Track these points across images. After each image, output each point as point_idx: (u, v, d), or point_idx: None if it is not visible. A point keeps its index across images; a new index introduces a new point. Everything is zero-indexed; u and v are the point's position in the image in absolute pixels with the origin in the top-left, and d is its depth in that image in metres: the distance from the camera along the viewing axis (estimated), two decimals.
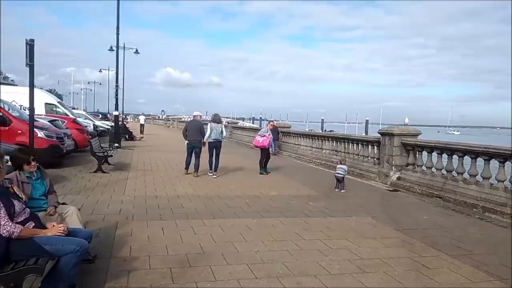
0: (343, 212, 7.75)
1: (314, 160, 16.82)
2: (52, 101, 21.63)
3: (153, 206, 7.51)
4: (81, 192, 8.51)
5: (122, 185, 9.62)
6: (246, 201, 8.31)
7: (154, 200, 8.08)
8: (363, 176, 12.74)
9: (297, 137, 20.11)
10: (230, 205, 7.87)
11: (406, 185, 10.74)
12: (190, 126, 12.16)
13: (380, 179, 11.89)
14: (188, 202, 7.99)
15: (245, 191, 9.55)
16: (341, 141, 15.37)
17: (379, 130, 12.24)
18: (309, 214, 7.43)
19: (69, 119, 17.40)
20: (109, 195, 8.39)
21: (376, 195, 9.92)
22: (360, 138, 14.01)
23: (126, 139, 26.66)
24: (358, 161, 13.73)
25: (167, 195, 8.69)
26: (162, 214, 6.91)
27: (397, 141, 11.46)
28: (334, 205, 8.30)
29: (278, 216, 7.15)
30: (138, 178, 10.86)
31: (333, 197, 9.30)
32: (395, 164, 11.51)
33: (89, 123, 22.88)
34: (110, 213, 6.83)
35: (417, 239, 6.12)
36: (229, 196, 8.78)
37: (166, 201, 8.04)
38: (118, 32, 20.13)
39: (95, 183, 9.70)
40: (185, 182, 10.52)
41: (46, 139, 11.43)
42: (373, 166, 12.74)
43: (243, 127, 34.87)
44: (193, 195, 8.78)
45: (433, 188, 9.87)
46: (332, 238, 5.94)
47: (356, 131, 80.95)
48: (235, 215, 7.06)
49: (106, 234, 5.64)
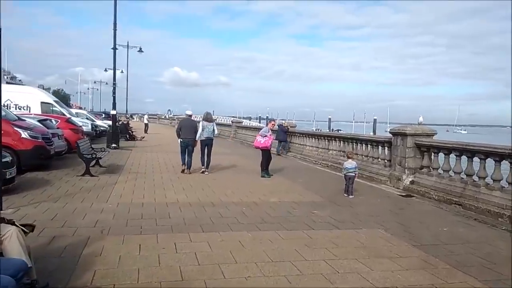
0: (351, 223, 6.82)
1: (320, 161, 15.88)
2: (48, 100, 20.92)
3: (135, 216, 6.63)
4: (59, 199, 7.65)
5: (108, 190, 8.76)
6: (243, 210, 7.40)
7: (139, 208, 7.21)
8: (373, 179, 11.78)
9: (302, 137, 19.18)
10: (223, 215, 6.97)
11: (421, 190, 9.77)
12: (184, 125, 12.20)
13: (392, 183, 10.93)
14: (177, 211, 7.10)
15: (243, 197, 8.65)
16: (349, 141, 14.41)
17: (391, 130, 11.27)
18: (313, 225, 6.51)
19: (63, 119, 16.61)
20: (90, 202, 7.53)
21: (387, 201, 8.97)
22: (369, 138, 13.06)
23: (127, 139, 25.90)
24: (367, 163, 12.77)
25: (155, 202, 7.82)
26: (144, 227, 6.03)
27: (410, 141, 10.49)
28: (341, 214, 7.38)
29: (277, 228, 6.24)
30: (128, 182, 10.00)
31: (340, 203, 8.37)
32: (408, 167, 10.54)
33: (87, 122, 22.09)
34: (84, 225, 5.97)
35: (440, 258, 5.19)
36: (224, 203, 7.89)
37: (152, 209, 7.16)
38: (115, 27, 19.36)
39: (79, 188, 8.86)
40: (179, 186, 9.64)
41: (30, 139, 10.61)
42: (384, 168, 11.78)
43: (247, 126, 33.97)
44: (184, 202, 7.90)
45: (451, 194, 8.91)
46: (339, 257, 5.01)
47: (364, 130, 79.76)
48: (228, 228, 6.16)
49: (71, 253, 4.77)
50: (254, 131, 27.54)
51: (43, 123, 13.46)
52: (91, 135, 21.90)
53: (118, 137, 20.08)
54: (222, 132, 35.94)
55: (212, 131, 12.20)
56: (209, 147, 12.11)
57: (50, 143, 11.57)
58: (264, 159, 11.97)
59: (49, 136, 11.65)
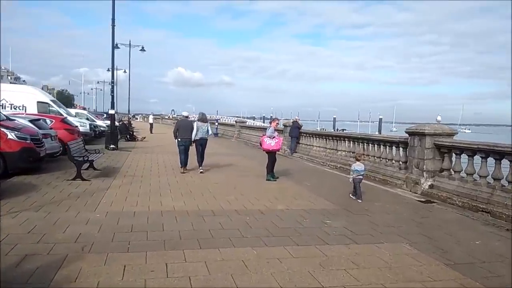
0: (370, 235, 5.98)
1: (328, 162, 15.04)
2: (45, 100, 20.25)
3: (124, 228, 5.82)
4: (42, 208, 6.86)
5: (99, 196, 7.96)
6: (246, 220, 6.58)
7: (129, 218, 6.40)
8: (387, 182, 10.93)
9: (309, 137, 18.33)
10: (225, 226, 6.15)
11: (442, 195, 8.91)
12: (182, 125, 12.41)
13: (408, 187, 10.07)
14: (172, 222, 6.29)
15: (247, 204, 7.83)
16: (359, 141, 13.56)
17: (407, 130, 10.40)
18: (327, 239, 5.67)
19: (57, 118, 15.85)
20: (76, 211, 6.73)
21: (406, 208, 8.12)
22: (382, 138, 12.19)
23: (127, 140, 25.17)
24: (380, 164, 11.92)
25: (148, 210, 7.01)
26: (132, 242, 5.22)
27: (429, 142, 9.63)
28: (357, 224, 6.54)
29: (286, 243, 5.41)
30: (122, 186, 9.21)
31: (354, 211, 7.53)
32: (426, 170, 9.68)
33: (85, 123, 21.36)
34: (63, 241, 5.17)
35: (480, 281, 4.37)
36: (226, 212, 7.07)
37: (145, 220, 6.35)
38: (113, 23, 18.55)
39: (67, 195, 8.07)
40: (177, 192, 8.83)
41: (17, 141, 9.84)
42: (399, 171, 10.92)
43: (251, 126, 33.11)
44: (182, 210, 7.09)
45: (476, 200, 8.06)
46: (362, 283, 4.19)
47: (369, 130, 78.70)
48: (229, 243, 5.33)
49: (40, 279, 3.97)
50: (258, 131, 26.73)
51: (35, 123, 12.73)
52: (90, 135, 21.22)
53: (117, 137, 19.31)
54: (226, 132, 35.20)
55: (207, 132, 12.36)
56: (203, 146, 12.34)
57: (40, 144, 10.81)
58: (270, 161, 11.16)
59: (39, 137, 10.88)
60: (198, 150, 12.23)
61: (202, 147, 12.27)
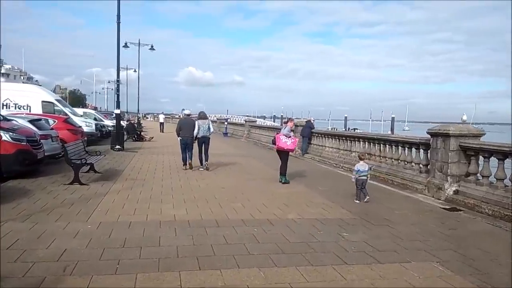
0: (394, 252, 5.25)
1: (341, 164, 14.29)
2: (49, 99, 19.82)
3: (116, 243, 5.18)
4: (31, 217, 6.26)
5: (95, 203, 7.35)
6: (254, 232, 5.90)
7: (124, 230, 5.76)
8: (407, 187, 10.15)
9: (321, 137, 17.57)
10: (229, 240, 5.47)
11: (469, 202, 8.13)
12: (184, 124, 12.60)
13: (431, 193, 9.29)
14: (171, 235, 5.63)
15: (254, 212, 7.15)
16: (375, 142, 12.78)
17: (429, 130, 9.61)
18: (345, 257, 4.96)
19: (60, 119, 15.35)
20: (66, 221, 6.11)
21: (431, 217, 7.36)
22: (400, 139, 11.38)
23: (134, 140, 24.66)
24: (398, 167, 11.14)
25: (146, 220, 6.36)
26: (123, 260, 4.57)
27: (453, 143, 8.85)
28: (378, 238, 5.82)
29: (299, 262, 4.71)
30: (122, 192, 8.59)
31: (374, 221, 6.80)
32: (451, 174, 8.90)
33: (91, 123, 20.86)
34: (45, 259, 4.54)
35: None
36: (231, 222, 6.39)
37: (140, 232, 5.70)
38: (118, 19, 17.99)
39: (60, 201, 7.47)
40: (180, 198, 8.18)
41: (12, 143, 9.28)
42: (419, 174, 10.14)
43: (262, 126, 32.43)
44: (182, 220, 6.42)
45: (509, 208, 7.27)
46: None
47: (382, 129, 77.46)
48: (233, 262, 4.65)
49: None
50: (268, 130, 26.04)
51: (35, 124, 12.21)
52: (95, 135, 20.74)
53: (122, 138, 18.76)
54: (235, 132, 34.56)
55: (208, 129, 12.47)
56: (206, 145, 12.44)
57: (38, 146, 10.24)
58: (285, 162, 10.50)
59: (37, 138, 10.32)
60: (200, 148, 12.39)
61: (205, 145, 12.39)
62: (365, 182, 8.48)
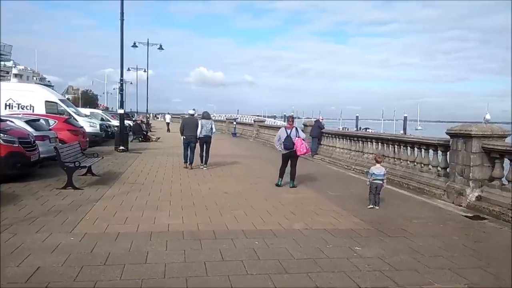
0: (415, 271, 4.56)
1: (353, 166, 13.57)
2: (53, 99, 19.42)
3: (98, 259, 4.57)
4: (11, 227, 5.69)
5: (84, 211, 6.77)
6: (255, 245, 5.25)
7: (109, 243, 5.16)
8: (423, 192, 9.42)
9: (331, 138, 16.86)
10: (226, 256, 4.83)
11: (494, 210, 7.38)
12: (187, 123, 12.78)
13: (450, 198, 8.55)
14: (161, 249, 5.01)
15: (257, 221, 6.50)
16: (389, 143, 12.04)
17: (448, 130, 8.86)
18: (359, 278, 4.28)
19: (61, 119, 14.87)
20: (48, 232, 5.54)
21: (453, 228, 6.63)
22: (416, 139, 10.60)
23: (140, 141, 24.20)
24: (414, 170, 10.40)
25: (136, 231, 5.75)
26: (100, 282, 3.96)
27: (476, 145, 8.10)
28: (396, 253, 5.14)
29: (305, 284, 4.06)
30: (117, 197, 8.02)
31: (389, 232, 6.11)
32: (473, 178, 8.16)
33: (95, 123, 20.40)
34: (12, 279, 3.96)
35: None
36: (231, 233, 5.75)
37: (127, 245, 5.09)
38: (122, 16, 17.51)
39: (48, 208, 6.91)
40: (177, 204, 7.57)
41: (2, 144, 8.78)
42: (437, 178, 9.40)
43: (271, 126, 31.76)
44: (176, 231, 5.80)
45: None
46: None
47: (394, 129, 76.19)
48: (228, 284, 4.01)
49: None
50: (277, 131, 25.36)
51: (33, 124, 11.73)
52: (100, 136, 20.28)
53: (127, 138, 18.27)
54: (244, 132, 33.95)
55: (210, 129, 12.73)
56: (208, 144, 12.72)
57: (32, 148, 9.72)
58: (295, 166, 9.87)
59: (30, 140, 9.80)
60: (202, 147, 12.66)
61: (206, 144, 12.68)
62: (379, 187, 7.83)
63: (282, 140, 9.71)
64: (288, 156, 9.79)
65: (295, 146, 9.52)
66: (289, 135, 9.62)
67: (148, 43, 44.76)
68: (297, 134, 9.70)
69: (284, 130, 9.87)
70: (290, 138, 9.58)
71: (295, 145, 9.52)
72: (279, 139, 9.80)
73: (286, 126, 10.19)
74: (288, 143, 9.57)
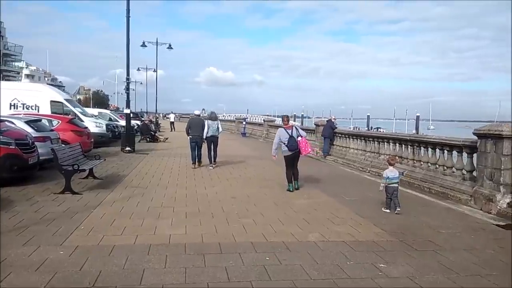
0: None
1: (368, 168, 12.90)
2: (59, 99, 19.04)
3: (86, 279, 4.01)
4: None
5: (80, 219, 6.23)
6: (265, 261, 4.65)
7: (102, 258, 4.59)
8: (447, 196, 8.74)
9: (344, 138, 16.18)
10: (232, 275, 4.23)
11: None
12: (193, 123, 12.92)
13: (478, 204, 7.87)
14: (159, 266, 4.43)
15: (268, 231, 5.90)
16: (407, 143, 11.35)
17: (476, 130, 8.17)
18: None
19: (64, 119, 14.41)
20: (37, 244, 5.00)
21: (485, 239, 5.95)
22: (438, 140, 9.85)
23: (148, 141, 23.76)
24: (435, 173, 9.71)
25: (133, 244, 5.18)
26: None
27: (508, 146, 7.43)
28: (426, 271, 4.50)
29: None
30: (117, 203, 7.47)
31: (416, 244, 5.46)
32: (504, 183, 7.48)
33: (101, 123, 19.97)
34: None
35: None
36: (239, 246, 5.16)
37: (122, 261, 4.51)
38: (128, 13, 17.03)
39: (41, 216, 6.38)
40: (181, 211, 7.00)
41: None
42: (462, 182, 8.71)
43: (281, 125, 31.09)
44: (179, 243, 5.22)
45: None
46: None
47: (406, 128, 75.00)
48: None
49: None
50: None
51: (34, 125, 11.28)
52: (106, 137, 19.84)
53: (133, 139, 17.79)
54: (254, 132, 33.37)
55: (217, 129, 12.85)
56: (215, 144, 12.86)
57: (30, 150, 9.23)
58: (296, 166, 9.39)
59: (29, 141, 9.31)
60: (209, 147, 12.73)
61: (214, 143, 12.80)
62: (396, 190, 7.38)
63: (284, 141, 9.14)
64: (293, 158, 9.26)
65: (300, 146, 9.05)
66: (292, 135, 9.09)
67: (157, 42, 44.47)
68: (298, 133, 9.20)
69: (284, 131, 9.25)
70: (293, 138, 9.06)
71: (300, 145, 9.04)
72: (280, 140, 9.25)
73: (285, 126, 9.54)
74: (292, 144, 9.06)
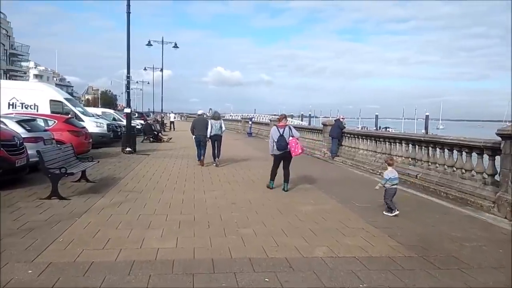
0: None
1: (379, 170, 12.16)
2: (58, 98, 18.52)
3: None
4: None
5: (60, 229, 5.62)
6: (264, 283, 4.00)
7: (75, 279, 3.97)
8: (467, 202, 8.02)
9: (353, 138, 15.47)
10: None
11: None
12: (197, 123, 13.31)
13: (502, 212, 7.14)
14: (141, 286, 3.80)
15: (270, 244, 5.24)
16: (421, 144, 10.62)
17: (499, 130, 7.43)
18: None
19: (60, 119, 13.83)
20: (5, 260, 4.38)
21: None
22: (456, 141, 9.09)
23: (151, 141, 23.20)
24: (453, 176, 8.99)
25: (115, 260, 4.55)
26: None
27: None
28: None
29: None
30: (106, 210, 6.85)
31: (438, 261, 4.77)
32: None
33: (102, 123, 19.41)
34: None
35: None
36: (234, 264, 4.50)
37: (98, 283, 3.88)
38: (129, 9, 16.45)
39: (19, 225, 5.77)
40: (175, 219, 6.36)
41: None
42: (483, 187, 7.99)
43: None
44: (166, 260, 4.57)
45: None
46: None
47: (415, 128, 73.89)
48: None
49: None
50: None
51: (26, 125, 10.70)
52: (108, 137, 19.29)
53: (134, 139, 17.20)
54: (260, 132, 32.74)
55: (220, 128, 13.16)
56: (218, 142, 13.23)
57: (17, 151, 8.66)
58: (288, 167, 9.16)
59: (16, 142, 8.73)
60: (213, 145, 13.18)
61: (217, 142, 13.18)
62: (395, 192, 7.13)
63: (274, 139, 8.80)
64: (281, 158, 8.97)
65: (289, 147, 8.68)
66: (282, 134, 8.76)
67: (162, 41, 44.05)
68: (290, 133, 8.79)
69: (276, 129, 8.90)
70: (283, 137, 8.73)
71: (289, 145, 8.67)
72: (272, 139, 8.90)
73: (278, 124, 9.04)
74: (281, 143, 8.73)
